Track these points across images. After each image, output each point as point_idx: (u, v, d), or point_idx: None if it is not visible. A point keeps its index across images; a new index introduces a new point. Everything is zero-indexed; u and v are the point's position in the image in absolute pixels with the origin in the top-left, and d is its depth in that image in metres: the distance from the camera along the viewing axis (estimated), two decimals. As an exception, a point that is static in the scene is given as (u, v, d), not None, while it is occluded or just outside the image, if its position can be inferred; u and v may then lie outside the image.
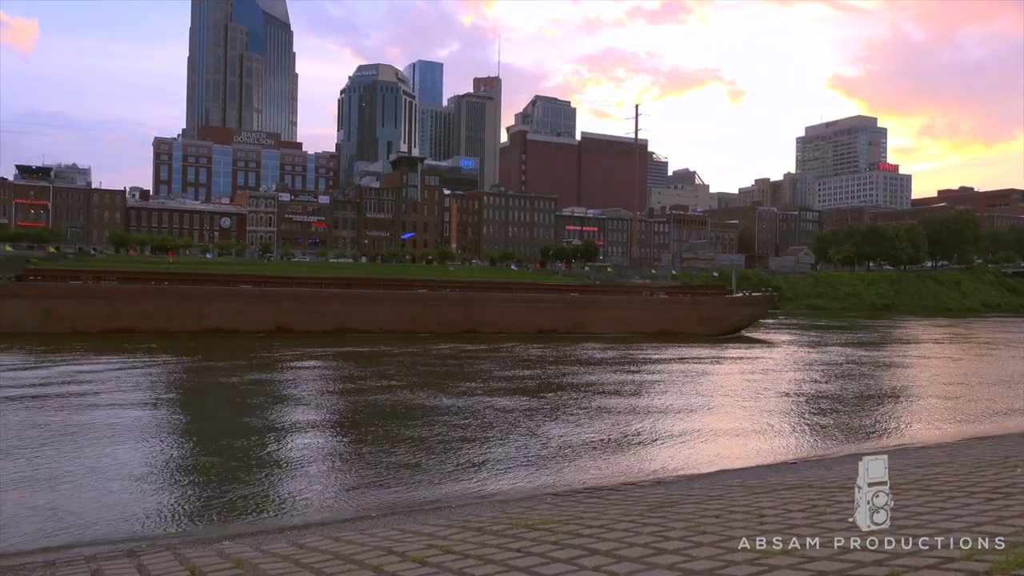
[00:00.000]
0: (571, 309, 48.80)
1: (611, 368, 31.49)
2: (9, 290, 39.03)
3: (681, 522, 6.10)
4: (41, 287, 40.41)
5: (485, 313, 46.06)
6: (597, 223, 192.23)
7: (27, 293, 39.29)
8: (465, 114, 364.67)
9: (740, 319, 51.98)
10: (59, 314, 38.02)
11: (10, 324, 37.00)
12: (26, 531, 9.39)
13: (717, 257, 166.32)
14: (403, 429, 16.75)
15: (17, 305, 38.07)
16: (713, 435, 16.81)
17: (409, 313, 44.64)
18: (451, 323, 44.58)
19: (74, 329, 37.39)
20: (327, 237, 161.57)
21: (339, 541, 6.79)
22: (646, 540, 5.48)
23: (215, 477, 12.49)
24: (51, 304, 38.51)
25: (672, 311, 50.54)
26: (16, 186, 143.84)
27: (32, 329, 36.97)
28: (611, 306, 50.61)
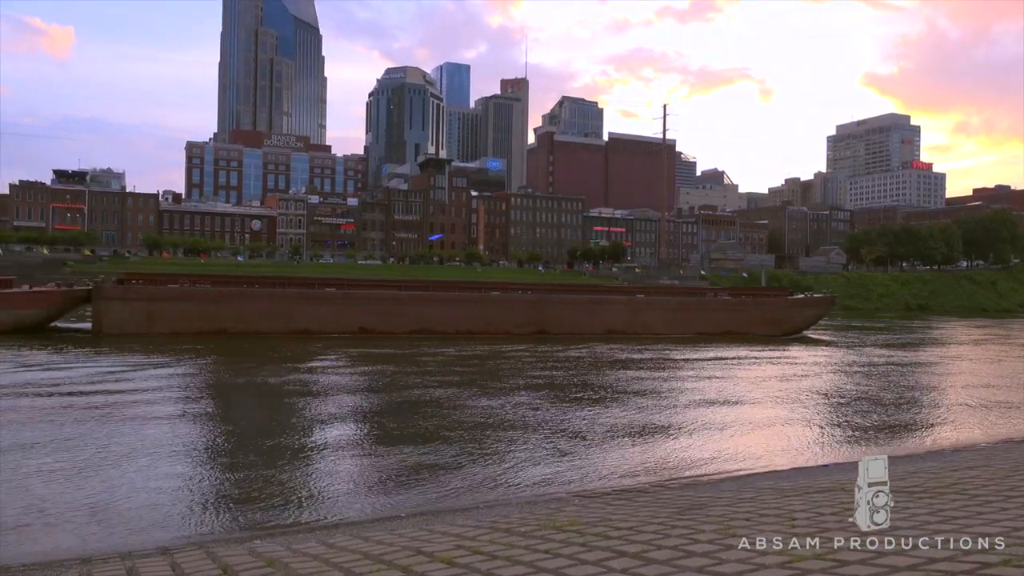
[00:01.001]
0: (638, 310, 49.73)
1: (659, 369, 31.49)
2: (114, 293, 40.58)
3: (711, 525, 6.05)
4: (142, 291, 41.99)
5: (555, 314, 47.19)
6: (625, 224, 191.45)
7: (129, 297, 40.85)
8: (492, 115, 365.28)
9: (802, 320, 52.58)
10: (158, 316, 39.70)
11: (114, 326, 38.79)
12: (63, 526, 9.57)
13: (746, 257, 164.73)
14: (438, 429, 16.80)
15: (121, 308, 39.71)
16: (745, 436, 16.66)
17: (484, 314, 45.80)
18: (524, 323, 45.75)
19: (172, 331, 38.91)
20: (356, 239, 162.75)
21: (368, 541, 6.83)
22: (675, 543, 5.45)
23: (248, 475, 12.63)
24: (151, 307, 40.16)
25: (736, 312, 51.18)
26: (53, 190, 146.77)
27: (133, 330, 38.57)
28: (677, 307, 51.28)
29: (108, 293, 40.60)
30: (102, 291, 40.64)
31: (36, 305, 40.20)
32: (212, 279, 49.43)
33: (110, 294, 40.59)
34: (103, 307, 39.99)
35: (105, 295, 40.38)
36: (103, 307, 39.99)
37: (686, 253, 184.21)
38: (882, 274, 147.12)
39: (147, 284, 44.00)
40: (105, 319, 39.47)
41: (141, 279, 46.17)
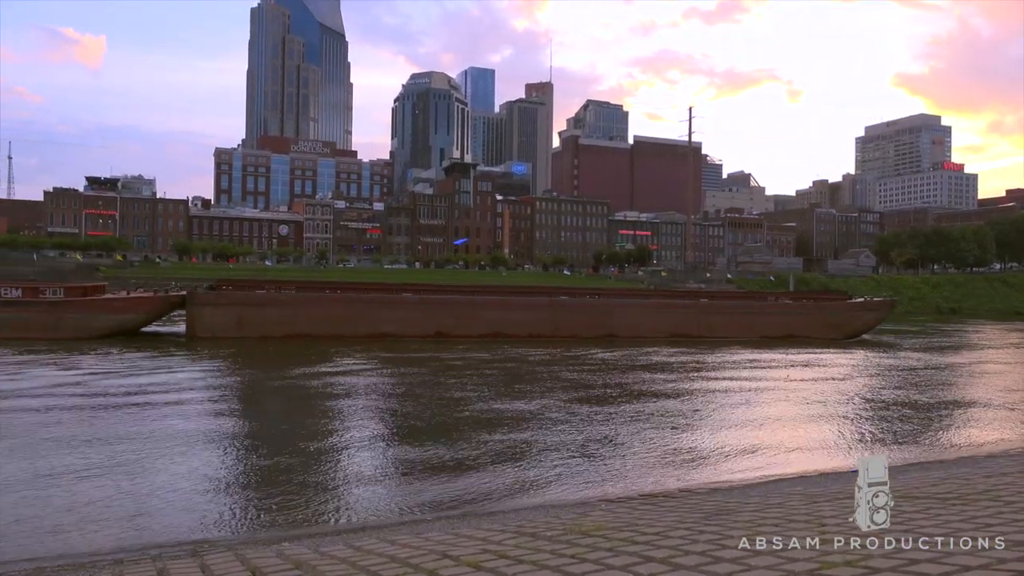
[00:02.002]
0: (702, 314, 50.39)
1: (704, 371, 31.41)
2: (207, 299, 41.95)
3: (739, 530, 5.99)
4: (233, 296, 43.34)
5: (623, 318, 48.07)
6: (650, 227, 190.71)
7: (221, 302, 42.15)
8: (517, 119, 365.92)
9: (863, 323, 52.93)
10: (247, 320, 40.95)
11: (206, 329, 40.27)
12: (97, 526, 9.72)
13: (774, 260, 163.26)
14: (468, 432, 16.83)
15: (214, 313, 41.10)
16: (775, 441, 16.49)
17: (554, 318, 46.86)
18: (592, 327, 46.64)
19: (260, 334, 40.21)
20: (381, 243, 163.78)
21: (395, 544, 6.85)
22: (703, 548, 5.41)
23: (278, 477, 12.74)
24: (241, 312, 41.44)
25: (798, 316, 51.80)
26: (86, 197, 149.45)
27: (224, 334, 39.92)
28: (740, 311, 52.23)
29: (201, 299, 42.07)
30: (196, 297, 42.14)
31: (135, 310, 41.83)
32: (296, 285, 50.78)
33: (203, 300, 42.05)
34: (196, 312, 41.43)
35: (198, 301, 41.88)
36: (196, 312, 41.43)
37: (712, 256, 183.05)
38: (912, 277, 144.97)
39: (237, 290, 45.59)
40: (198, 323, 40.96)
41: (231, 285, 47.74)
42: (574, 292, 57.71)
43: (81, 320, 38.89)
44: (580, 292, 58.29)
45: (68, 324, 38.41)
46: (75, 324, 38.50)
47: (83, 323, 38.80)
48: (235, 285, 48.18)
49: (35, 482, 12.03)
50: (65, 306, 39.39)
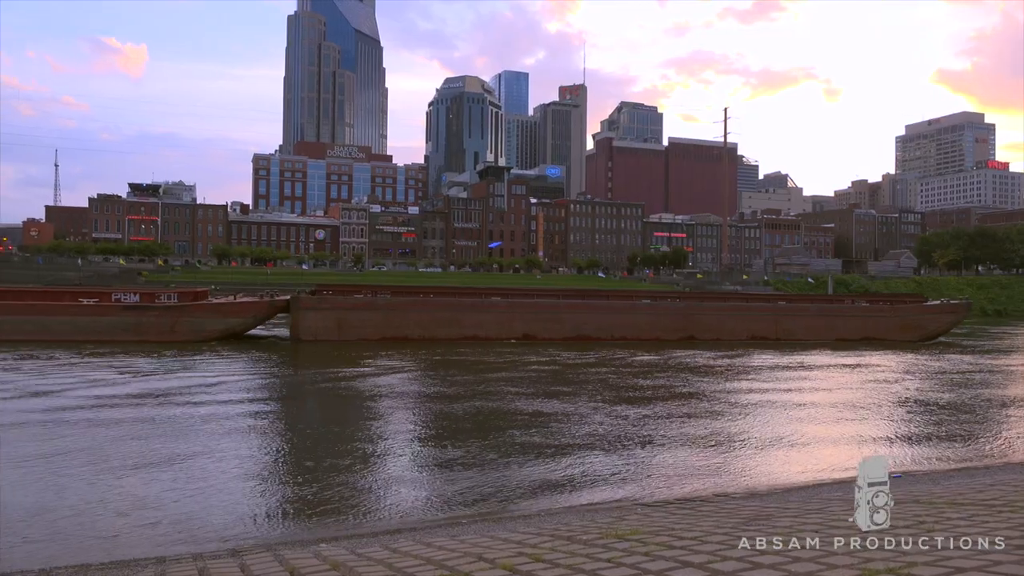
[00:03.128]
0: (780, 316, 51.42)
1: (763, 372, 31.22)
2: (309, 303, 43.62)
3: (778, 535, 5.91)
4: (333, 300, 45.14)
5: (703, 320, 49.18)
6: (686, 229, 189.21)
7: (322, 306, 43.90)
8: (551, 122, 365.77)
9: (939, 326, 53.17)
10: (347, 324, 42.81)
11: (309, 332, 42.04)
12: (138, 524, 9.91)
13: (812, 262, 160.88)
14: (509, 434, 16.83)
15: (316, 317, 42.88)
16: (816, 444, 16.24)
17: (635, 321, 48.13)
18: (673, 329, 47.78)
19: (358, 337, 41.95)
20: (416, 247, 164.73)
21: (431, 546, 6.88)
22: (741, 554, 5.34)
23: (316, 479, 12.86)
24: (341, 315, 43.24)
25: (875, 319, 52.30)
26: (129, 203, 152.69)
27: (325, 337, 41.75)
28: (818, 314, 52.86)
29: (304, 303, 43.63)
30: (299, 302, 43.64)
31: (243, 314, 43.43)
32: (392, 289, 52.78)
33: (306, 304, 43.60)
34: (300, 316, 42.97)
35: (302, 305, 43.41)
36: (300, 316, 42.97)
37: (749, 258, 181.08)
38: (956, 278, 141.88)
39: (336, 295, 47.27)
40: (302, 327, 42.55)
41: (331, 290, 49.37)
42: (656, 296, 59.76)
43: (194, 324, 40.78)
44: (661, 296, 60.31)
45: (183, 327, 40.32)
46: (189, 328, 40.43)
47: (196, 327, 40.71)
48: (334, 290, 49.95)
49: (89, 482, 12.31)
50: (179, 310, 41.22)
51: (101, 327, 38.76)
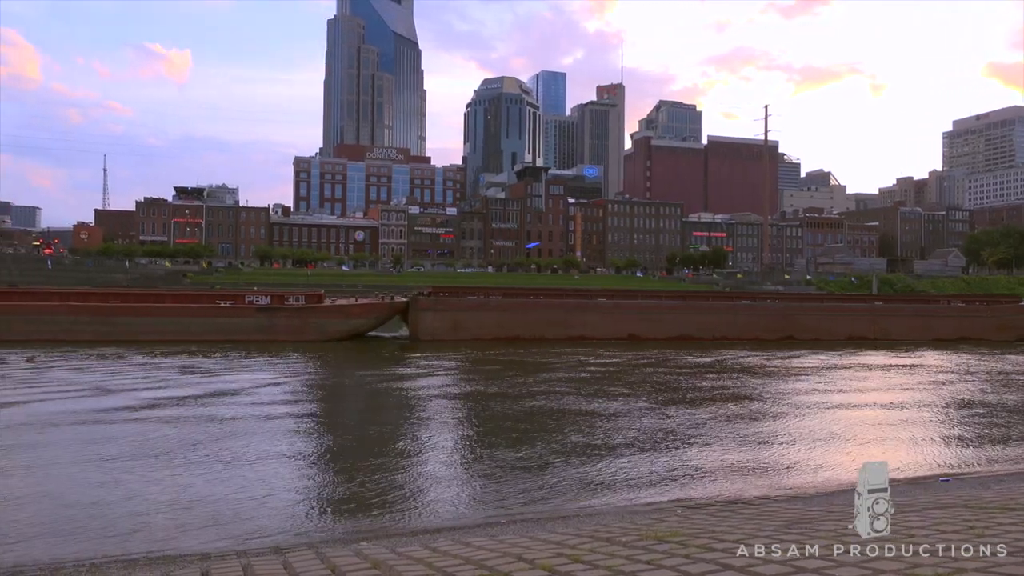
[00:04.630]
0: (876, 316, 51.69)
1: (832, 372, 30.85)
2: (427, 305, 45.10)
3: (821, 539, 5.82)
4: (449, 302, 46.74)
5: (801, 321, 49.70)
6: (725, 228, 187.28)
7: (440, 307, 45.32)
8: (588, 122, 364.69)
9: None
10: (463, 324, 43.99)
11: (427, 333, 43.26)
12: (184, 520, 10.12)
13: (855, 261, 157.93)
14: (555, 434, 16.82)
15: (433, 318, 44.21)
16: (861, 447, 15.93)
17: (735, 322, 48.77)
18: (772, 330, 48.28)
19: (473, 337, 43.02)
20: (454, 248, 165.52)
21: (470, 546, 6.91)
22: (783, 557, 5.27)
23: (358, 477, 12.99)
24: (457, 316, 44.60)
25: (971, 319, 52.33)
26: (174, 206, 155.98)
27: (442, 337, 42.83)
28: (914, 314, 53.27)
29: (422, 305, 44.89)
30: (418, 303, 44.89)
31: (367, 315, 44.80)
32: (503, 291, 54.83)
33: (424, 305, 44.90)
34: (418, 317, 44.14)
35: (420, 306, 44.68)
36: (418, 317, 44.14)
37: (791, 258, 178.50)
38: (1006, 277, 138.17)
39: (452, 296, 49.02)
40: (420, 327, 43.71)
41: (447, 292, 51.38)
42: (755, 296, 60.87)
43: (321, 325, 42.07)
44: (761, 296, 61.30)
45: (311, 328, 41.59)
46: (317, 328, 41.71)
47: (323, 327, 41.97)
48: (450, 292, 51.98)
49: (138, 477, 12.61)
50: (307, 312, 42.66)
51: (237, 328, 40.28)
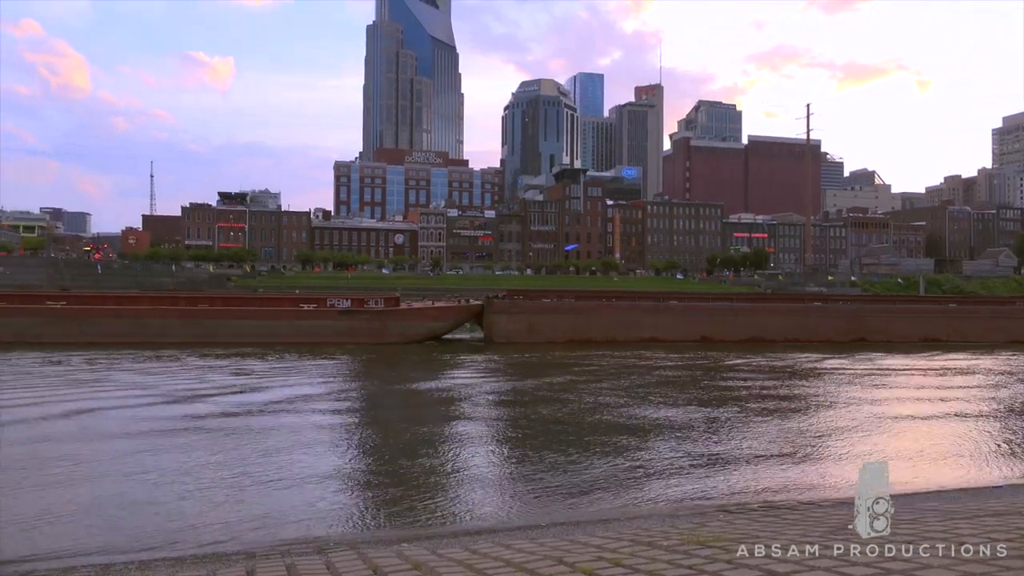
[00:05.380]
0: (951, 319, 51.38)
1: (889, 375, 30.57)
2: (502, 307, 45.97)
3: (866, 546, 5.71)
4: (523, 305, 47.46)
5: (874, 323, 49.56)
6: (767, 229, 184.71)
7: (514, 310, 46.14)
8: (627, 123, 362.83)
9: None
10: (537, 327, 44.66)
11: (502, 335, 43.95)
12: (226, 524, 10.30)
13: (901, 262, 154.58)
14: (600, 436, 16.78)
15: (509, 320, 44.99)
16: (910, 452, 15.58)
17: (807, 323, 48.88)
18: (844, 331, 48.10)
19: (547, 339, 43.56)
20: (493, 250, 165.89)
21: (510, 548, 6.91)
22: (828, 564, 5.19)
23: (400, 479, 13.09)
24: (531, 319, 45.31)
25: None
26: (218, 211, 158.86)
27: (517, 339, 43.51)
28: (990, 315, 52.91)
29: (497, 307, 45.65)
30: (493, 306, 45.67)
31: (444, 318, 45.72)
32: (576, 294, 55.49)
33: (499, 308, 45.64)
34: (493, 319, 44.88)
35: (495, 309, 45.43)
36: (493, 319, 44.88)
37: (834, 259, 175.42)
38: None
39: (527, 299, 49.61)
40: (495, 329, 44.46)
41: (521, 295, 52.11)
42: (827, 298, 61.14)
43: (401, 327, 43.10)
44: (833, 298, 61.39)
45: (392, 330, 42.57)
46: (397, 331, 42.69)
47: (403, 330, 42.98)
48: (524, 295, 52.62)
49: (186, 476, 12.87)
50: (387, 315, 43.69)
51: (320, 330, 41.40)
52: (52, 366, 29.86)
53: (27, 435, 16.52)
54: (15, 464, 13.76)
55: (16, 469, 13.38)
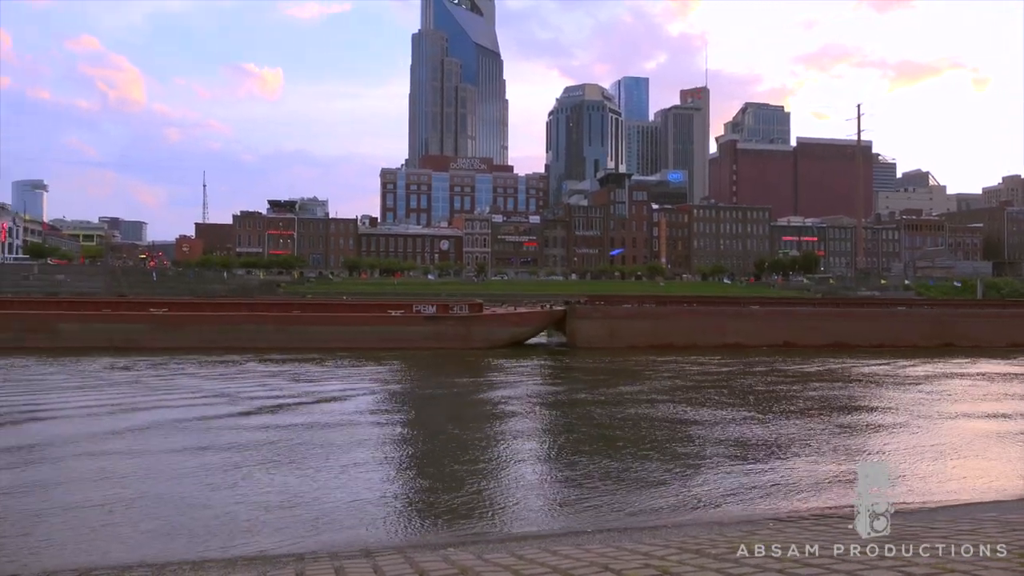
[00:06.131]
0: None
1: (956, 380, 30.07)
2: (584, 313, 46.71)
3: (924, 556, 5.56)
4: (605, 310, 48.23)
5: (960, 328, 48.85)
6: (816, 232, 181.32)
7: (596, 315, 46.79)
8: (672, 127, 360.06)
9: None
10: (618, 332, 45.00)
11: (585, 340, 44.40)
12: (277, 527, 10.48)
13: (957, 264, 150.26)
14: (649, 443, 16.67)
15: (591, 325, 45.47)
16: (970, 459, 15.13)
17: (892, 328, 48.55)
18: (930, 336, 47.52)
19: (628, 344, 43.77)
20: (538, 256, 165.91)
21: (556, 555, 6.90)
22: (883, 574, 5.06)
23: (448, 483, 13.15)
24: (613, 324, 45.79)
25: None
26: (268, 219, 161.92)
27: (599, 344, 43.82)
28: None
29: (580, 313, 46.23)
30: (576, 311, 46.23)
31: (528, 323, 46.54)
32: (655, 300, 56.01)
33: (581, 314, 46.21)
34: (576, 325, 45.30)
35: (578, 315, 45.93)
36: (576, 325, 45.30)
37: (887, 262, 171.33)
38: None
39: (608, 305, 50.25)
40: (578, 334, 44.87)
41: (603, 300, 52.64)
42: (911, 303, 60.94)
43: (486, 332, 43.84)
44: (918, 303, 61.19)
45: (476, 336, 43.37)
46: (482, 336, 43.49)
47: (488, 335, 43.70)
48: (605, 300, 53.08)
49: (234, 483, 13.13)
50: (472, 320, 44.45)
51: (407, 336, 42.31)
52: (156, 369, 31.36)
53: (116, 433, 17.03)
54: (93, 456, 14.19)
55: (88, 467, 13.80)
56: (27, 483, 12.89)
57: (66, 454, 15.27)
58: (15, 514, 11.08)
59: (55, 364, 32.53)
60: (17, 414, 20.10)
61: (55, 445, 16.11)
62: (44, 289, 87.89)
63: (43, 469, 14.00)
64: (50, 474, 13.58)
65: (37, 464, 14.38)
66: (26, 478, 13.24)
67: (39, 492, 12.28)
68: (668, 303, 53.64)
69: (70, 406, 21.51)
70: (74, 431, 17.91)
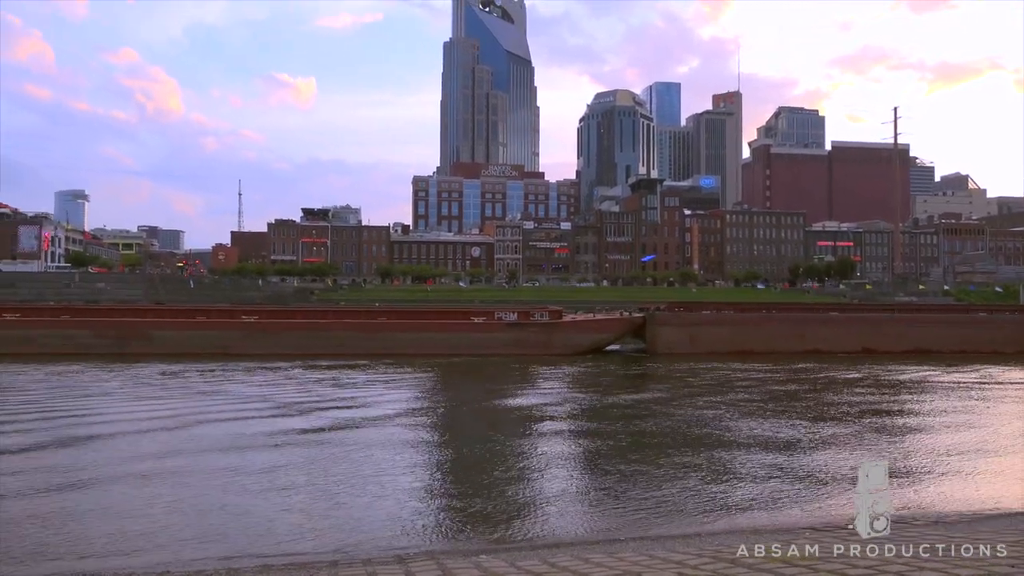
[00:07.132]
0: None
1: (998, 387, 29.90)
2: (664, 320, 47.30)
3: (967, 569, 5.44)
4: (685, 317, 48.94)
5: None
6: (852, 237, 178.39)
7: (675, 322, 47.51)
8: (704, 132, 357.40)
9: None
10: (699, 338, 45.54)
11: (664, 347, 44.98)
12: (312, 533, 10.57)
13: (999, 269, 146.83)
14: (685, 449, 16.57)
15: (671, 332, 46.17)
16: (1008, 469, 14.78)
17: (974, 335, 48.16)
18: (1012, 342, 47.23)
19: (708, 350, 44.09)
20: (569, 262, 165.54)
21: (588, 563, 6.86)
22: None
23: (482, 491, 13.18)
24: (693, 331, 46.37)
25: None
26: (301, 227, 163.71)
27: (679, 350, 44.30)
28: None
29: (659, 320, 46.79)
30: (655, 318, 46.75)
31: (607, 330, 47.08)
32: (734, 306, 56.69)
33: (661, 320, 46.76)
34: (655, 331, 45.91)
35: (657, 322, 46.49)
36: (655, 331, 45.91)
37: (925, 267, 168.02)
38: None
39: (687, 312, 50.78)
40: (658, 341, 45.44)
41: (682, 307, 53.22)
42: (991, 309, 60.48)
43: (567, 339, 44.34)
44: (998, 309, 60.78)
45: (556, 343, 43.87)
46: (563, 343, 43.95)
47: (568, 342, 44.17)
48: (685, 307, 53.70)
49: (268, 490, 13.27)
50: (552, 327, 45.03)
51: (489, 342, 42.85)
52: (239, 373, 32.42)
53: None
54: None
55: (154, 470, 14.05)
56: (75, 484, 13.17)
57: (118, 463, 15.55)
58: (56, 515, 11.33)
59: (111, 370, 33.39)
60: (74, 417, 20.56)
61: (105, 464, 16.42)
62: (85, 297, 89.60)
63: (85, 475, 14.28)
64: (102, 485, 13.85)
65: (79, 471, 14.68)
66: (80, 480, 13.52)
67: (88, 491, 12.54)
68: (747, 310, 54.01)
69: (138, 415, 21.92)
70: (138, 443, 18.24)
